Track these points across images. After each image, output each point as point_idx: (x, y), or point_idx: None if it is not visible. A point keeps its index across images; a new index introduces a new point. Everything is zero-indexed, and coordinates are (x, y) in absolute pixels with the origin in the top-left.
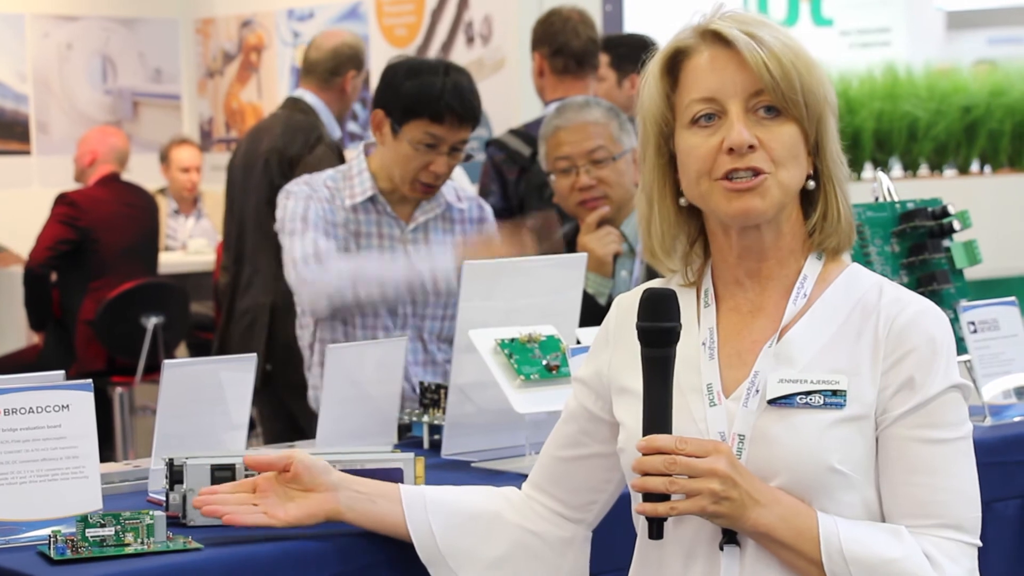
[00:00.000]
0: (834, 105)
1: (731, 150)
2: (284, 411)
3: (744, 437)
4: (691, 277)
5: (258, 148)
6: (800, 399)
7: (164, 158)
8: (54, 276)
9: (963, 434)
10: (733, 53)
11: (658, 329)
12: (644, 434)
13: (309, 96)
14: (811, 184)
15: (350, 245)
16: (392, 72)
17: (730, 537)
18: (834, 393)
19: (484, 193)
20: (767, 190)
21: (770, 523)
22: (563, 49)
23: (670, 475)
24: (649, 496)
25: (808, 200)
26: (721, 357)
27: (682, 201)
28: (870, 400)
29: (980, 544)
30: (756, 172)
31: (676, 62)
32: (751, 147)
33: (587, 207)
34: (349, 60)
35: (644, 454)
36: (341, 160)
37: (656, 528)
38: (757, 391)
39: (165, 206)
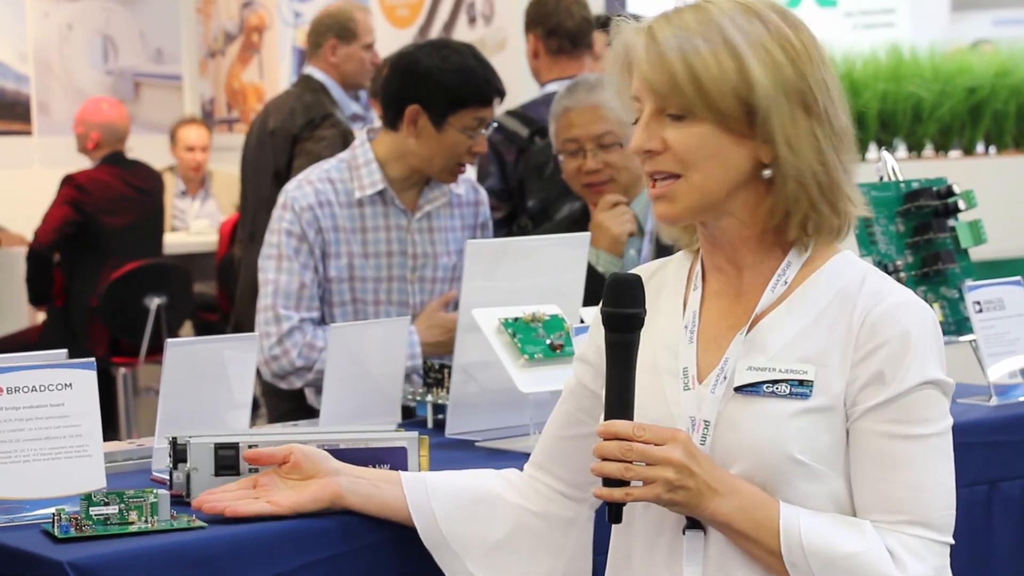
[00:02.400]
0: (793, 90)
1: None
2: (292, 390)
3: (709, 423)
4: (690, 257)
5: (267, 125)
6: (766, 387)
7: (172, 137)
8: (56, 256)
9: (937, 431)
10: (653, 54)
11: (622, 315)
12: (606, 418)
13: (316, 72)
14: (766, 172)
15: (352, 248)
16: (420, 65)
17: (693, 522)
18: (800, 383)
19: (482, 175)
20: (676, 195)
21: (728, 513)
22: (557, 30)
23: (628, 461)
24: (608, 480)
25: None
26: (700, 341)
27: None
28: (838, 392)
29: (951, 542)
30: (668, 175)
31: (629, 58)
32: (650, 151)
33: (593, 190)
34: (328, 29)
35: (604, 439)
36: (347, 144)
37: (615, 512)
38: (725, 378)
39: (172, 186)
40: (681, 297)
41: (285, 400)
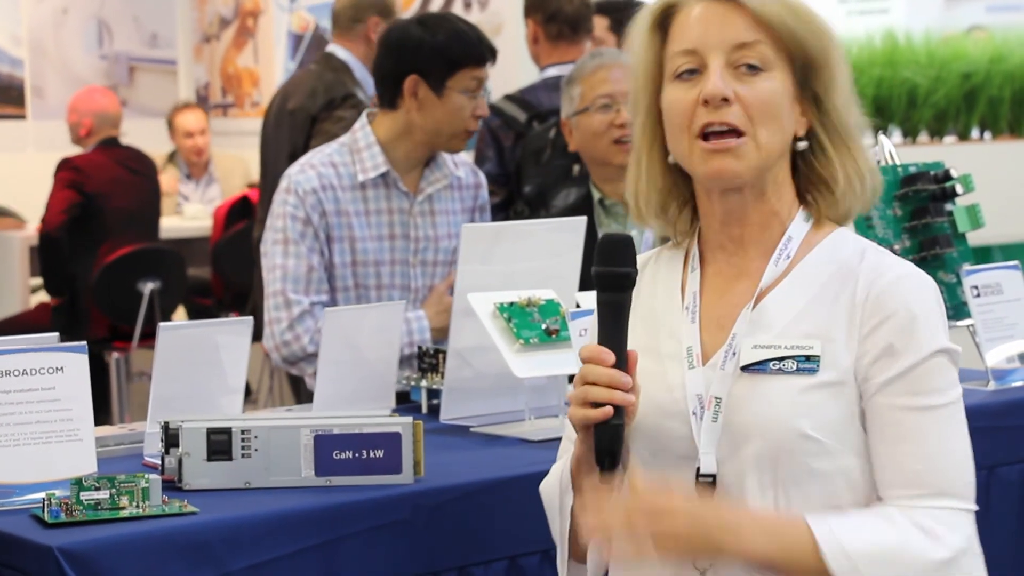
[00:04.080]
0: (841, 59)
1: (706, 102)
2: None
3: (720, 400)
4: (678, 239)
5: (287, 104)
6: (773, 365)
7: (170, 124)
8: None
9: (952, 399)
10: (724, 6)
11: (612, 274)
12: None
13: (340, 51)
14: (801, 145)
15: (355, 231)
16: (410, 36)
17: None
18: (807, 359)
19: (480, 159)
20: (745, 153)
21: (753, 545)
22: (556, 15)
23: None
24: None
25: (806, 162)
26: (702, 321)
27: (670, 159)
28: (846, 366)
29: (976, 508)
30: (734, 130)
31: (667, 16)
32: (726, 99)
33: (623, 148)
34: (371, 6)
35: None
36: None
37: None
38: (734, 354)
39: (176, 171)
40: (678, 281)
41: (302, 382)
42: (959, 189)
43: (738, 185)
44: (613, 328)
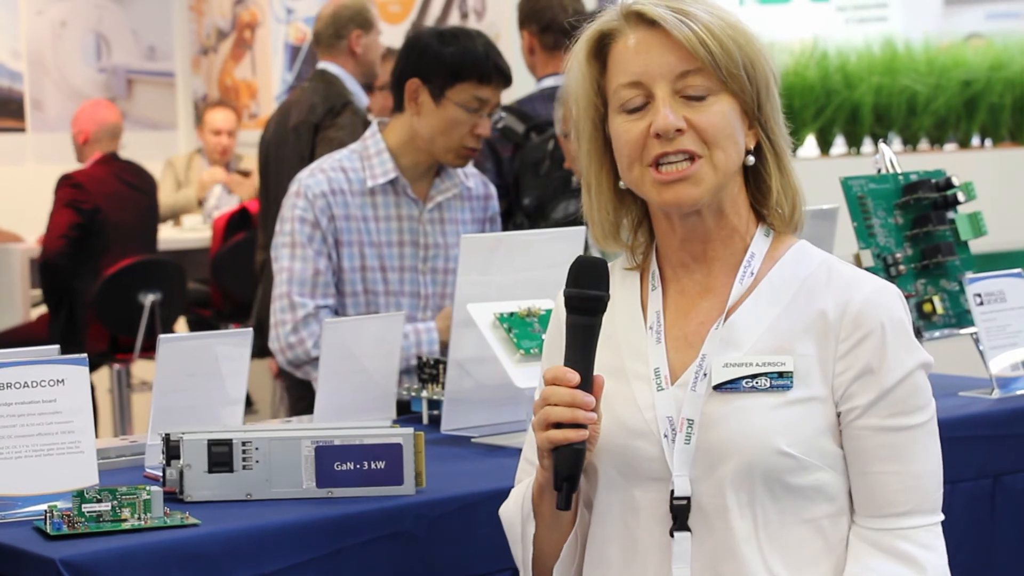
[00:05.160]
0: (777, 76)
1: (659, 135)
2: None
3: (693, 422)
4: (637, 260)
5: (288, 122)
6: (746, 383)
7: (199, 120)
8: None
9: (930, 415)
10: (659, 34)
11: (584, 296)
12: None
13: (331, 67)
14: (751, 160)
15: (363, 236)
16: (420, 41)
17: (680, 523)
18: (780, 375)
19: (478, 171)
20: (700, 177)
21: None
22: (552, 25)
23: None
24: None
25: (755, 176)
26: (668, 341)
27: (621, 184)
28: (820, 382)
29: (943, 517)
30: (688, 155)
31: (603, 45)
32: (679, 130)
33: None
34: (350, 20)
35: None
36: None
37: (564, 499)
38: (705, 375)
39: (200, 168)
40: (638, 301)
41: (307, 395)
42: (961, 197)
43: (697, 209)
44: (581, 351)
